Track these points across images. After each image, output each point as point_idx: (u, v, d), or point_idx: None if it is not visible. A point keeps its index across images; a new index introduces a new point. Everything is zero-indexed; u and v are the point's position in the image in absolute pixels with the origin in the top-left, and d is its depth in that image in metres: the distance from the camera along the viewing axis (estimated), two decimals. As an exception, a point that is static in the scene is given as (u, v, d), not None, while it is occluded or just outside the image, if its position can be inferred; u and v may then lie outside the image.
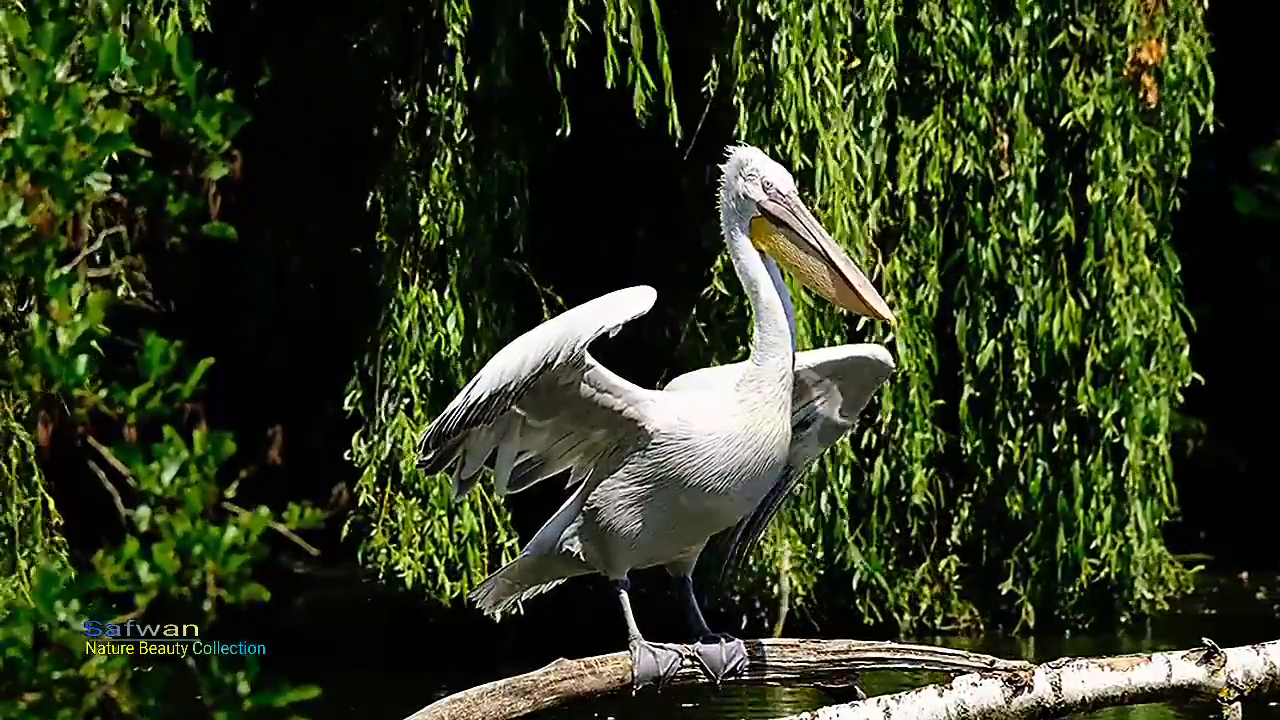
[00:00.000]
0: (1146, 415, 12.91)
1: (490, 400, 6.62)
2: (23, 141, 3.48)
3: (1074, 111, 12.85)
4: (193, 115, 3.30)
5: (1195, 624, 14.01)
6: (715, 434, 6.66)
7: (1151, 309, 12.98)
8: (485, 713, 6.66)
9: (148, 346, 3.27)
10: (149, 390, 3.23)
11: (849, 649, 6.89)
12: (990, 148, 12.99)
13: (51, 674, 3.30)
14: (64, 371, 3.16)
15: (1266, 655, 6.80)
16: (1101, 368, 12.96)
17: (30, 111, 3.36)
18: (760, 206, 6.75)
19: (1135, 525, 13.02)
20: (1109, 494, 13.00)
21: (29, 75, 3.39)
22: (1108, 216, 12.89)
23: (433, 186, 12.06)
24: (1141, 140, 12.90)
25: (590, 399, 6.68)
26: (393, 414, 11.91)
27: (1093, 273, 12.96)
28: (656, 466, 6.69)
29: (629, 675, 6.73)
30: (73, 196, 3.37)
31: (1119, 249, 12.92)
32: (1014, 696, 6.75)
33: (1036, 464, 13.10)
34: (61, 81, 3.39)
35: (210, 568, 3.27)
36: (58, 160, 3.47)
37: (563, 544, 6.86)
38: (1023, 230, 12.95)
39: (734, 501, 6.74)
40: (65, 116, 3.38)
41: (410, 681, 11.99)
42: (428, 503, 11.80)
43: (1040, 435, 13.09)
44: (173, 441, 3.25)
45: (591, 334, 6.56)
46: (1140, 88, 12.84)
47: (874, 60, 12.33)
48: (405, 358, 11.89)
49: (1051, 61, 12.96)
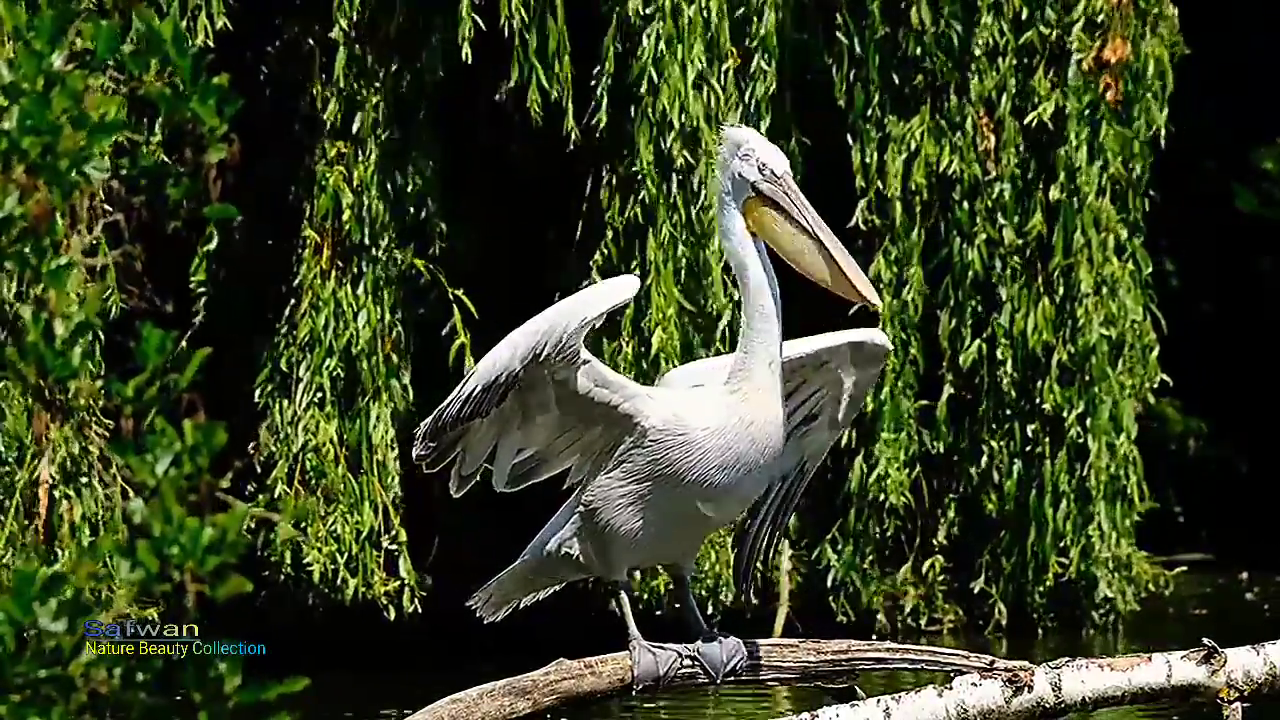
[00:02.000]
0: (1112, 415, 12.91)
1: (484, 393, 6.59)
2: (18, 132, 3.47)
3: (1039, 109, 12.84)
4: (189, 101, 3.29)
5: (1169, 623, 14.04)
6: (710, 427, 6.61)
7: (1120, 309, 12.95)
8: (485, 713, 6.64)
9: (145, 337, 3.26)
10: (146, 381, 3.22)
11: (849, 649, 6.88)
12: (978, 147, 12.97)
13: (36, 673, 3.28)
14: (58, 363, 3.15)
15: (1266, 655, 6.79)
16: (1068, 367, 12.96)
17: (26, 101, 3.34)
18: (755, 187, 6.71)
19: (1099, 525, 13.01)
20: (1074, 494, 13.01)
21: (25, 63, 3.38)
22: (1076, 216, 12.88)
23: (355, 183, 12.03)
24: (1110, 140, 12.88)
25: (587, 394, 6.65)
26: (306, 407, 11.90)
27: (1060, 272, 12.95)
28: (654, 463, 6.65)
29: (629, 675, 6.72)
30: (69, 186, 3.35)
31: (1088, 249, 12.90)
32: (1014, 696, 6.74)
33: (1012, 464, 13.11)
34: (59, 70, 3.37)
35: (189, 566, 3.25)
36: (53, 150, 3.45)
37: (561, 546, 6.82)
38: (1005, 230, 12.94)
39: (733, 495, 6.70)
40: (62, 104, 3.36)
41: (411, 681, 11.99)
42: (333, 500, 11.78)
43: (1017, 435, 13.10)
44: (165, 432, 3.23)
45: (577, 323, 6.53)
46: (1100, 86, 12.83)
47: (756, 62, 12.27)
48: (321, 353, 11.87)
49: (1021, 59, 12.95)
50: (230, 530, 3.24)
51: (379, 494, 11.81)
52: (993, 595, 13.30)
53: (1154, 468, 17.05)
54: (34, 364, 3.14)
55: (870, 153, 12.92)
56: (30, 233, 3.30)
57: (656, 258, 12.01)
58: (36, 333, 3.14)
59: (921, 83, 12.96)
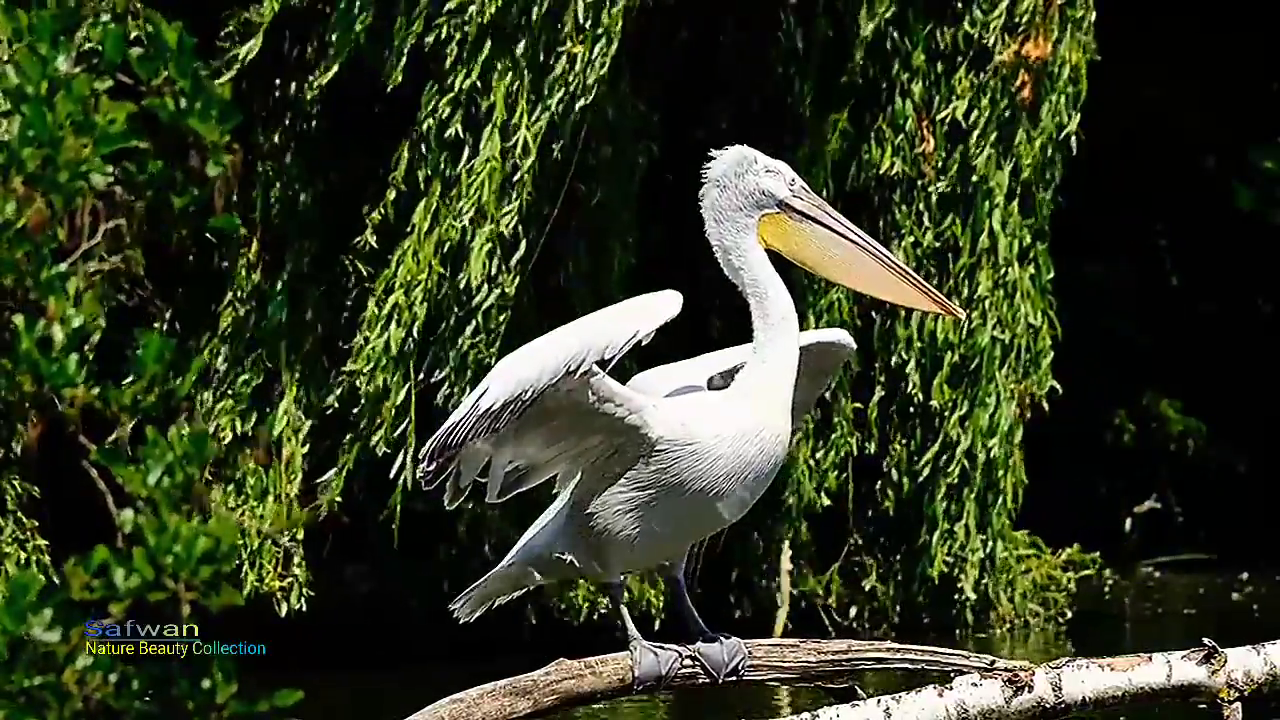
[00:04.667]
0: (993, 419, 12.91)
1: (502, 410, 6.50)
2: (17, 144, 3.45)
3: (953, 106, 12.82)
4: (188, 116, 3.27)
5: (1168, 623, 14.05)
6: (721, 436, 6.60)
7: (1014, 315, 12.94)
8: (485, 713, 6.64)
9: (143, 344, 3.25)
10: (143, 389, 3.21)
11: (849, 649, 6.88)
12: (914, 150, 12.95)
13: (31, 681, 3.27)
14: (53, 372, 3.13)
15: (1266, 655, 6.79)
16: (958, 368, 12.97)
17: (29, 108, 3.32)
18: (785, 203, 6.75)
19: (966, 526, 13.01)
20: (954, 494, 13.02)
21: (28, 68, 3.35)
22: (987, 218, 12.87)
23: (286, 176, 12.00)
24: (1022, 142, 12.87)
25: (592, 408, 6.59)
26: (218, 399, 11.88)
27: (965, 273, 12.94)
28: (660, 472, 6.62)
29: (629, 675, 6.71)
30: (70, 195, 3.34)
31: (994, 251, 12.89)
32: (1014, 697, 6.74)
33: (911, 463, 13.13)
34: (66, 74, 3.35)
35: (183, 576, 3.23)
36: (53, 162, 3.44)
37: (553, 550, 6.79)
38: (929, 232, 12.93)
39: (735, 502, 6.70)
40: (67, 109, 3.34)
41: (410, 681, 11.98)
42: (242, 491, 11.76)
43: (918, 435, 13.12)
44: (158, 443, 3.21)
45: (625, 341, 6.48)
46: (1016, 83, 12.79)
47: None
48: (240, 345, 11.85)
49: (945, 59, 12.93)
50: (225, 539, 3.24)
51: (284, 488, 11.78)
52: (881, 594, 13.35)
53: (1154, 468, 17.08)
54: (29, 372, 3.13)
55: (801, 151, 12.86)
56: (27, 239, 3.28)
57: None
58: (30, 341, 3.13)
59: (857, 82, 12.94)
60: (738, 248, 6.72)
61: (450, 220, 11.71)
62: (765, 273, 6.68)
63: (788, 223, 6.75)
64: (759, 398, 6.64)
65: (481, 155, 11.72)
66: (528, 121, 11.72)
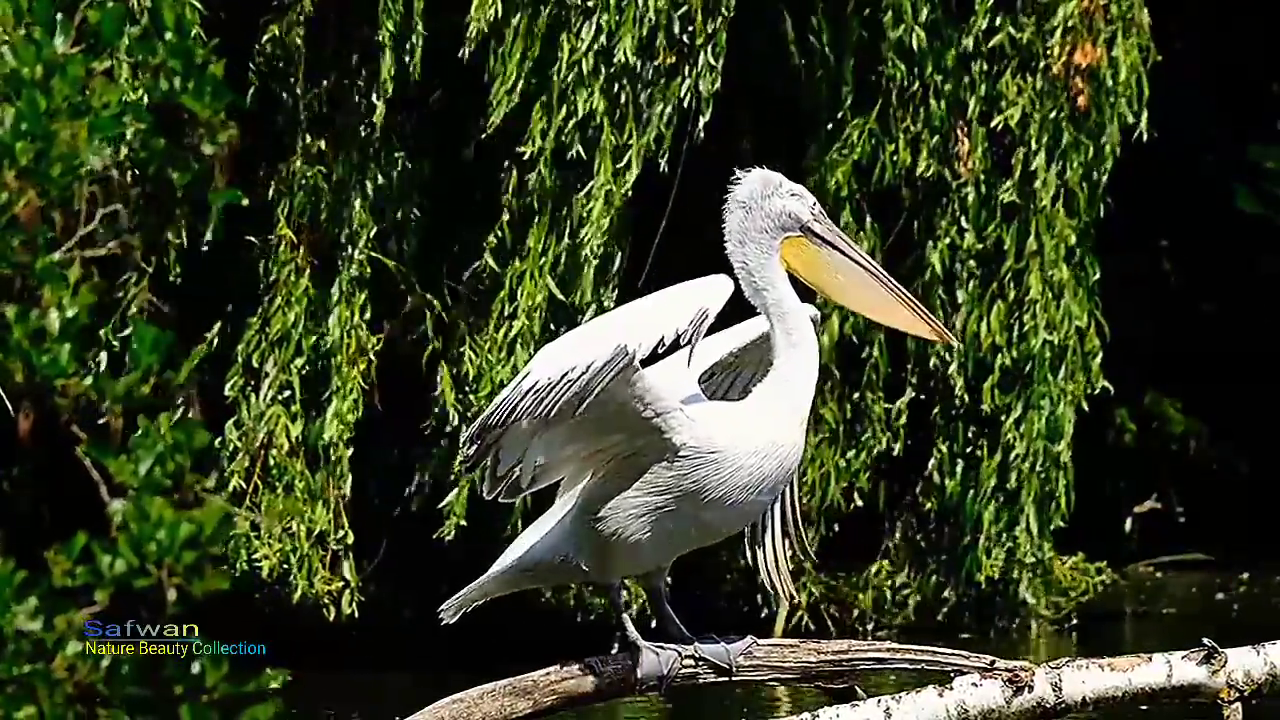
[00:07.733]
0: (1049, 421, 12.90)
1: (549, 389, 6.37)
2: (9, 136, 3.43)
3: (1005, 113, 12.82)
4: (181, 94, 3.26)
5: (1169, 623, 14.06)
6: (742, 447, 6.63)
7: (1064, 316, 12.94)
8: (485, 713, 6.64)
9: (138, 336, 3.23)
10: (137, 380, 3.20)
11: (849, 649, 6.87)
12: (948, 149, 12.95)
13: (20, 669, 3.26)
14: (44, 362, 3.12)
15: (1266, 655, 6.79)
16: (1010, 371, 12.97)
17: (23, 97, 3.30)
18: (806, 226, 6.83)
19: (1027, 530, 13.00)
20: (1002, 497, 13.01)
21: (22, 52, 3.33)
22: (1033, 220, 12.88)
23: (334, 182, 11.99)
24: (1071, 145, 12.87)
25: (621, 404, 6.56)
26: (270, 403, 11.86)
27: (1012, 276, 12.95)
28: (680, 478, 6.62)
29: (631, 675, 6.71)
30: (65, 186, 3.32)
31: (1041, 254, 12.90)
32: (1014, 697, 6.74)
33: (954, 465, 13.12)
34: (63, 55, 3.33)
35: (166, 562, 3.23)
36: (46, 155, 3.42)
37: (558, 554, 6.77)
38: (968, 234, 12.93)
39: (745, 513, 6.75)
40: (64, 92, 3.33)
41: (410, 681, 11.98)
42: (292, 493, 11.74)
43: (959, 438, 13.11)
44: (149, 433, 3.20)
45: (694, 322, 6.45)
46: (1071, 90, 12.81)
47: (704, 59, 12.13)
48: (289, 350, 11.82)
49: (992, 63, 12.92)
50: (208, 525, 3.22)
51: (331, 493, 11.77)
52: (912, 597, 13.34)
53: (1154, 468, 17.08)
54: (20, 362, 3.11)
55: (822, 153, 12.83)
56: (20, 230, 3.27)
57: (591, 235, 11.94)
58: (21, 331, 3.11)
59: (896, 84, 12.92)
60: (762, 269, 6.79)
61: (562, 241, 11.77)
62: (788, 294, 6.77)
63: (808, 246, 6.84)
64: (781, 412, 6.70)
65: (598, 181, 11.75)
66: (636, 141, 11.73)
